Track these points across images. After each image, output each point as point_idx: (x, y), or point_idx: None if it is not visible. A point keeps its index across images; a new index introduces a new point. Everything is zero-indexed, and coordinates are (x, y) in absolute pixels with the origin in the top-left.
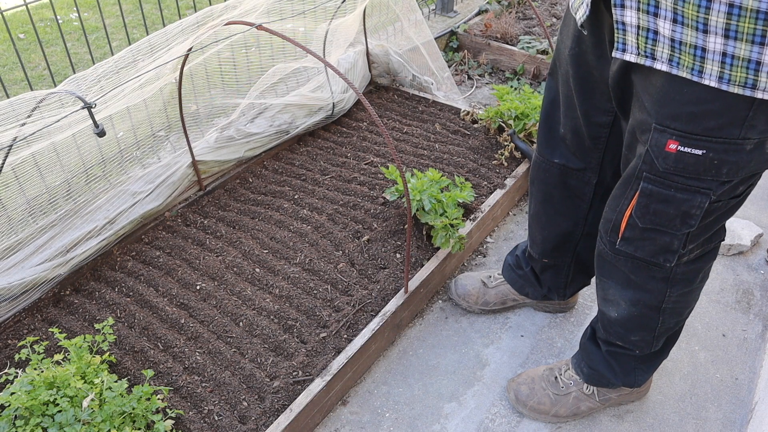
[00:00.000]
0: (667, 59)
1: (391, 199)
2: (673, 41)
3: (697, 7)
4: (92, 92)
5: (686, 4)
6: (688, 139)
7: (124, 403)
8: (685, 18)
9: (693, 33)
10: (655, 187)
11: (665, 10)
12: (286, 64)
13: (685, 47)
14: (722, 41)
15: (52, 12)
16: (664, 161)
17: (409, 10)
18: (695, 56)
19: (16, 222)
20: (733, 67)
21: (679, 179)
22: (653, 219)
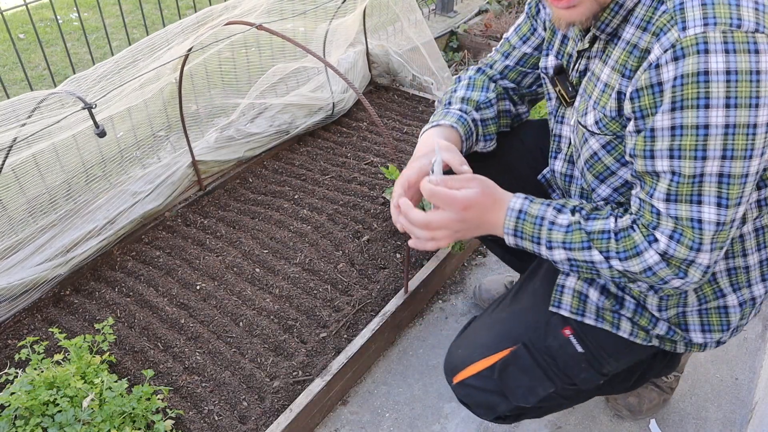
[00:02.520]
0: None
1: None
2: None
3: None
4: (92, 93)
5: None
6: (581, 336)
7: (124, 403)
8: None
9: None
10: (527, 353)
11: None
12: (286, 64)
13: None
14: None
15: (52, 12)
16: (554, 340)
17: (409, 10)
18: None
19: (16, 222)
20: (639, 330)
21: (549, 361)
22: (504, 378)
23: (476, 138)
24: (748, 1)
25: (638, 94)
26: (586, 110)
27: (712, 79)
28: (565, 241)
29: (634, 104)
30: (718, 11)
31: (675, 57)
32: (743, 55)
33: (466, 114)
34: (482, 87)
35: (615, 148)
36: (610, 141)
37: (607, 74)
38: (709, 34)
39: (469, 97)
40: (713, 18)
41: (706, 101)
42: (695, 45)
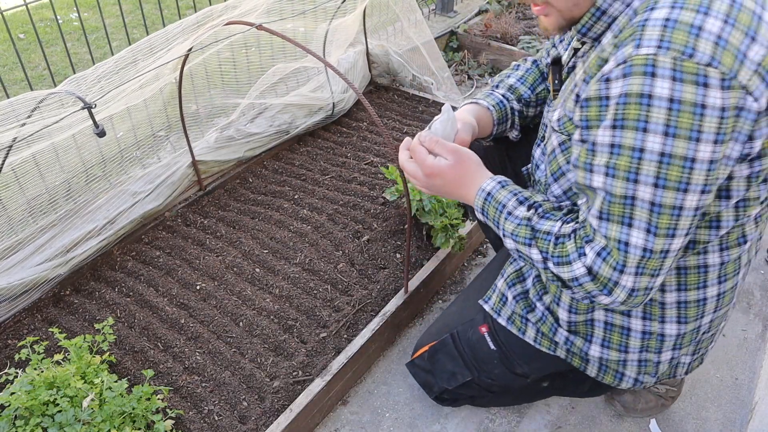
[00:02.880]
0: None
1: (391, 199)
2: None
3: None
4: (92, 92)
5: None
6: (495, 336)
7: (124, 403)
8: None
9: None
10: (452, 343)
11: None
12: (286, 64)
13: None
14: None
15: (52, 12)
16: (473, 334)
17: (409, 10)
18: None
19: (16, 222)
20: (543, 338)
21: (468, 352)
22: (434, 362)
23: (511, 125)
24: (709, 34)
25: (587, 103)
26: (556, 106)
27: (654, 104)
28: (514, 233)
29: (582, 113)
30: (675, 36)
31: (624, 74)
32: (690, 86)
33: (507, 101)
34: (532, 84)
35: (567, 149)
36: (565, 141)
37: (579, 75)
38: (659, 58)
39: (517, 88)
40: (668, 42)
41: (645, 125)
42: (643, 65)
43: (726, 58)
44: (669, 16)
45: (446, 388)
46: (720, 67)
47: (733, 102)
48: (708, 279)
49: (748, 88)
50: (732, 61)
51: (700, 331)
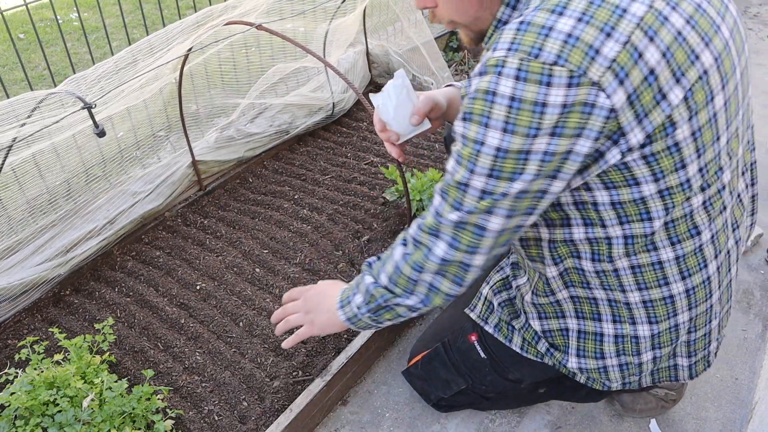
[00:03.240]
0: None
1: (391, 199)
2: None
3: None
4: (92, 92)
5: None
6: (484, 344)
7: (124, 403)
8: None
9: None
10: (444, 352)
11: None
12: (286, 64)
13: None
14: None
15: (52, 12)
16: (463, 343)
17: (409, 10)
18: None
19: (16, 222)
20: (530, 346)
21: (459, 360)
22: (428, 370)
23: None
24: (559, 33)
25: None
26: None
27: (497, 101)
28: (368, 303)
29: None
30: (524, 39)
31: (480, 73)
32: (532, 85)
33: None
34: None
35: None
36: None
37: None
38: (508, 59)
39: None
40: (518, 44)
41: (487, 120)
42: (494, 66)
43: (574, 56)
44: (524, 20)
45: (442, 396)
46: (567, 65)
47: (580, 98)
48: (667, 275)
49: (601, 85)
50: (581, 58)
51: (681, 330)
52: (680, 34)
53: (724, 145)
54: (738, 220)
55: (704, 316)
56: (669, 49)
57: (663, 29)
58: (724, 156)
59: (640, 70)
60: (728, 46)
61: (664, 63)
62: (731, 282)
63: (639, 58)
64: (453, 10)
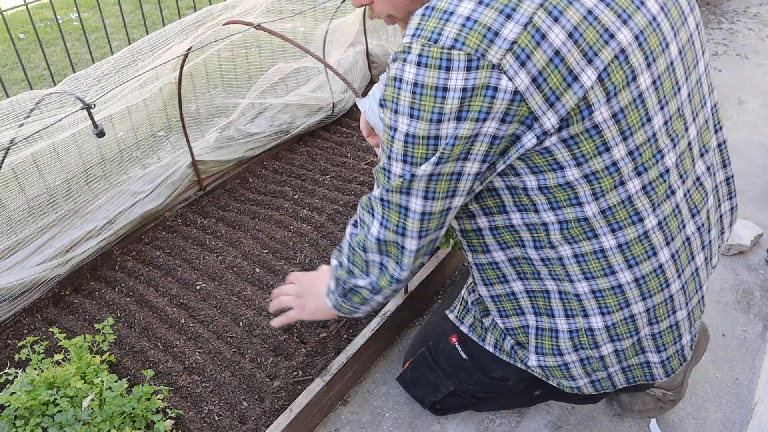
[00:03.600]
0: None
1: None
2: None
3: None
4: (92, 92)
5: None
6: (464, 345)
7: (124, 403)
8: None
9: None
10: (429, 355)
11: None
12: (286, 64)
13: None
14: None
15: (52, 12)
16: (445, 345)
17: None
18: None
19: (16, 222)
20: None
21: (444, 362)
22: (417, 375)
23: None
24: (458, 17)
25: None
26: None
27: (403, 87)
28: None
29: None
30: (427, 24)
31: (392, 59)
32: (432, 70)
33: None
34: None
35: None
36: None
37: None
38: (412, 45)
39: None
40: (420, 30)
41: (396, 106)
42: (401, 53)
43: (472, 39)
44: (429, 5)
45: (434, 400)
46: (465, 48)
47: (481, 82)
48: (612, 264)
49: (501, 67)
50: (479, 41)
51: (639, 321)
52: (590, 13)
53: (661, 127)
54: (698, 205)
55: (664, 306)
56: (577, 29)
57: (570, 9)
58: (663, 138)
59: (543, 51)
60: (655, 21)
61: (571, 44)
62: (698, 271)
63: (542, 39)
64: (388, 4)
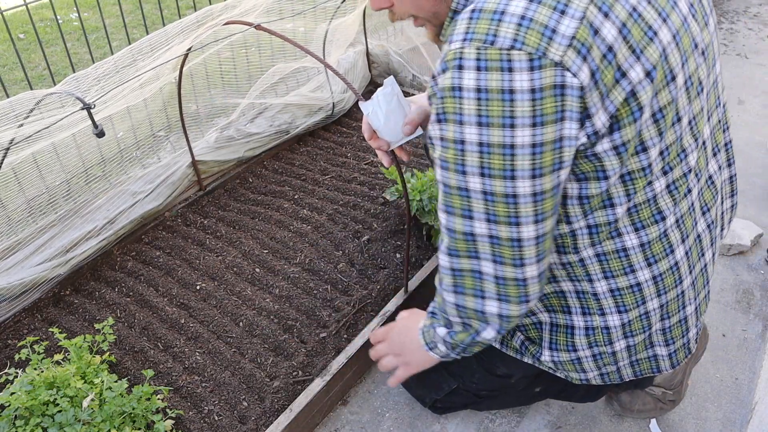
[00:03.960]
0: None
1: (391, 199)
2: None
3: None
4: (92, 92)
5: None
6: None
7: (124, 403)
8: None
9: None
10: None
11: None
12: (286, 64)
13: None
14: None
15: (52, 12)
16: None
17: None
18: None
19: (15, 222)
20: (508, 342)
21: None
22: (419, 374)
23: None
24: (511, 17)
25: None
26: None
27: (464, 96)
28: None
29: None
30: (478, 27)
31: (442, 69)
32: (495, 73)
33: None
34: None
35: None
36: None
37: None
38: (464, 50)
39: None
40: (472, 33)
41: (460, 117)
42: (453, 60)
43: (530, 38)
44: (475, 7)
45: (436, 398)
46: (525, 48)
47: (547, 81)
48: (633, 263)
49: (564, 64)
50: (538, 39)
51: (652, 317)
52: (635, 10)
53: (686, 127)
54: (708, 203)
55: (676, 302)
56: (625, 25)
57: (617, 5)
58: (687, 137)
59: (598, 47)
60: (686, 21)
61: (621, 40)
62: (706, 267)
63: (595, 34)
64: (411, 5)
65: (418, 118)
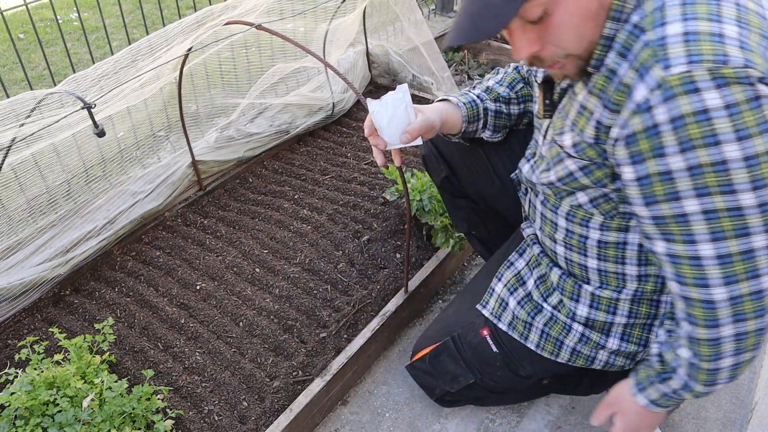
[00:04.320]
0: (507, 323)
1: (391, 199)
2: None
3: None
4: (92, 92)
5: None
6: (497, 338)
7: (124, 403)
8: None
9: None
10: (453, 345)
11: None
12: (286, 64)
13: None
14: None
15: (52, 12)
16: (474, 337)
17: (409, 10)
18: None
19: (16, 222)
20: (547, 342)
21: (470, 355)
22: (435, 364)
23: (483, 125)
24: (732, 39)
25: (632, 139)
26: (563, 129)
27: (714, 116)
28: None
29: (630, 149)
30: (702, 48)
31: (665, 98)
32: (737, 87)
33: (480, 101)
34: (510, 84)
35: (592, 172)
36: (588, 165)
37: (584, 96)
38: (694, 73)
39: (493, 88)
40: (697, 56)
41: (714, 138)
42: (682, 85)
43: (756, 59)
44: (686, 30)
45: (448, 391)
46: (756, 66)
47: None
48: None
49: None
50: (761, 60)
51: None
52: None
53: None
54: None
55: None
56: None
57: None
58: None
59: None
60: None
61: None
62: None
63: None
64: (572, 36)
65: (419, 130)
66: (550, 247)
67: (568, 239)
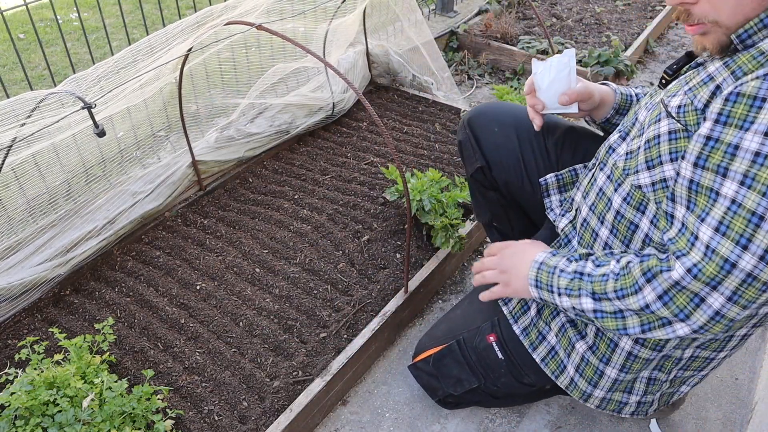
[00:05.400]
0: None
1: (391, 199)
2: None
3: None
4: (92, 92)
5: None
6: (503, 345)
7: (124, 403)
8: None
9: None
10: (458, 349)
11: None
12: (286, 64)
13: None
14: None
15: (52, 12)
16: (480, 342)
17: (409, 10)
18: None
19: (16, 222)
20: (552, 360)
21: (474, 359)
22: (440, 367)
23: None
24: None
25: (736, 98)
26: (676, 92)
27: None
28: (568, 287)
29: (725, 106)
30: None
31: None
32: None
33: (637, 99)
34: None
35: (678, 140)
36: (678, 131)
37: (716, 68)
38: None
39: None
40: None
41: None
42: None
43: None
44: None
45: (451, 393)
46: None
47: None
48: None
49: None
50: None
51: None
52: None
53: None
54: None
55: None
56: None
57: None
58: None
59: None
60: None
61: None
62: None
63: None
64: (728, 7)
65: (579, 94)
66: (594, 228)
67: (617, 222)
